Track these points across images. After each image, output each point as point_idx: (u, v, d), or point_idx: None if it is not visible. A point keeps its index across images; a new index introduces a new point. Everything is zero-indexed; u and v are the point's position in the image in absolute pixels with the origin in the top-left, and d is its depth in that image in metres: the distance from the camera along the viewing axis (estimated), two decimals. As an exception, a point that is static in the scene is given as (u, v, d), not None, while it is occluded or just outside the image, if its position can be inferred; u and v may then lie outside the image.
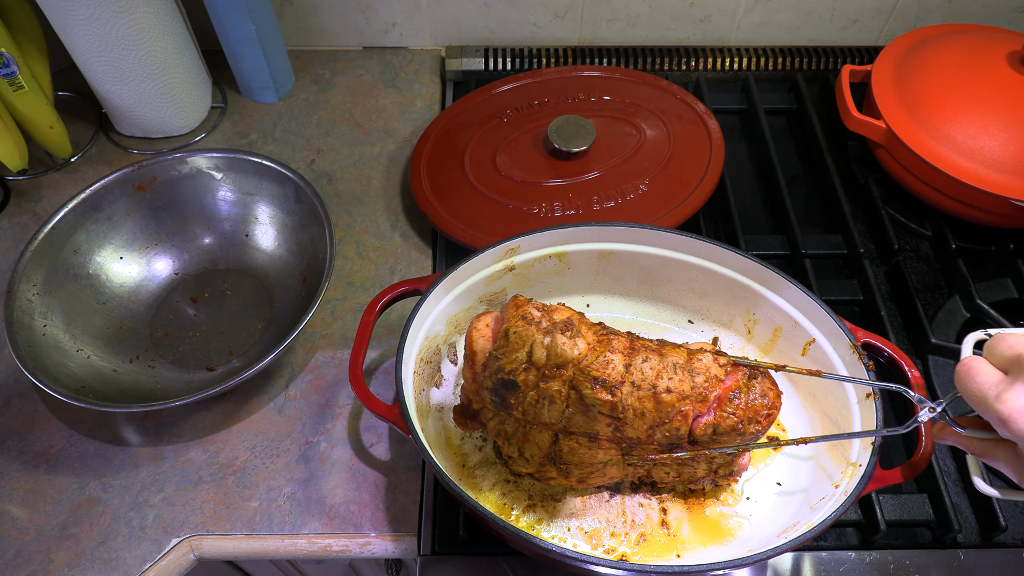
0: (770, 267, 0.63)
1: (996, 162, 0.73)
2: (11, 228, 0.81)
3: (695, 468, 0.56)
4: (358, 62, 0.98)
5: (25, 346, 0.63)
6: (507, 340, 0.51)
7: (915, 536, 0.61)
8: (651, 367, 0.51)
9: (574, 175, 0.79)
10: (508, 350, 0.51)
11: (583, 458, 0.53)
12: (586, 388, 0.50)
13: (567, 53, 0.96)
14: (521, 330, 0.51)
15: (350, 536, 0.62)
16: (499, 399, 0.53)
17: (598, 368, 0.50)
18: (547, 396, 0.51)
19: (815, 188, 0.85)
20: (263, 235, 0.77)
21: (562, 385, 0.51)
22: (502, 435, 0.56)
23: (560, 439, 0.53)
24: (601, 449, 0.53)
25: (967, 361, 0.42)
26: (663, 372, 0.50)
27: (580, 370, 0.50)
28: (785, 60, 0.96)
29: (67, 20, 0.75)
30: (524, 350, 0.51)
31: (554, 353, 0.50)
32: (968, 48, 0.80)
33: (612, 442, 0.53)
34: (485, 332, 0.55)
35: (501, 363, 0.51)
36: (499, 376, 0.52)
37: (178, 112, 0.87)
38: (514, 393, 0.52)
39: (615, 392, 0.50)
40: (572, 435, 0.53)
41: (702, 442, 0.52)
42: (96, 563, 0.61)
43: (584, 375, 0.50)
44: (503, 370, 0.51)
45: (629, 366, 0.51)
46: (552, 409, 0.51)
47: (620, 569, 0.48)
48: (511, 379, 0.51)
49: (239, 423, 0.68)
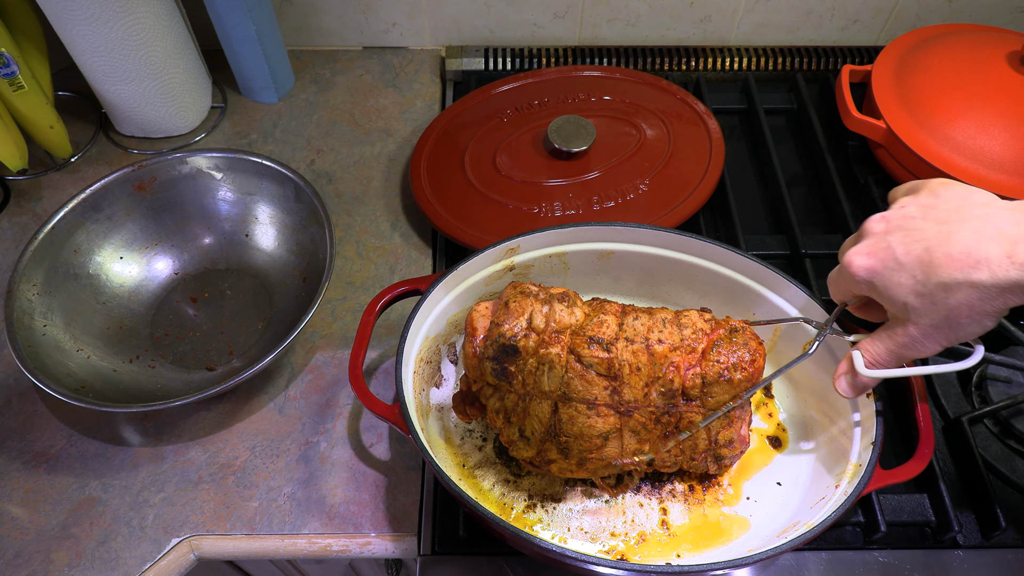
0: (770, 267, 0.63)
1: (996, 162, 0.73)
2: (11, 228, 0.81)
3: (695, 441, 0.56)
4: (358, 62, 0.98)
5: (25, 346, 0.63)
6: (507, 309, 0.55)
7: (915, 536, 0.62)
8: (642, 323, 0.55)
9: (574, 175, 0.79)
10: (508, 316, 0.55)
11: (582, 428, 0.54)
12: (583, 348, 0.53)
13: (567, 53, 0.96)
14: (521, 299, 0.55)
15: (350, 536, 0.62)
16: (500, 368, 0.55)
17: (593, 328, 0.54)
18: (547, 361, 0.54)
19: (815, 188, 0.85)
20: (263, 235, 0.77)
21: (561, 349, 0.54)
22: (502, 414, 0.56)
23: (559, 408, 0.54)
24: (600, 416, 0.54)
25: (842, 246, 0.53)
26: (653, 327, 0.55)
27: (576, 333, 0.54)
28: (785, 60, 0.96)
29: (67, 20, 0.75)
30: (524, 317, 0.54)
31: (553, 319, 0.54)
32: (968, 48, 0.80)
33: (610, 407, 0.54)
34: (485, 312, 0.58)
35: (502, 329, 0.54)
36: (500, 343, 0.54)
37: (178, 112, 0.87)
38: (515, 360, 0.54)
39: (611, 348, 0.53)
40: (571, 402, 0.54)
41: (694, 397, 0.54)
42: (96, 563, 0.61)
43: (581, 337, 0.54)
44: (504, 336, 0.54)
45: (622, 324, 0.55)
46: (552, 375, 0.53)
47: (620, 569, 0.48)
48: (512, 344, 0.54)
49: (239, 423, 0.68)
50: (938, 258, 0.44)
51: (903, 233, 0.47)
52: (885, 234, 0.48)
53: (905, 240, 0.46)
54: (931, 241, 0.45)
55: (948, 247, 0.44)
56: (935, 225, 0.46)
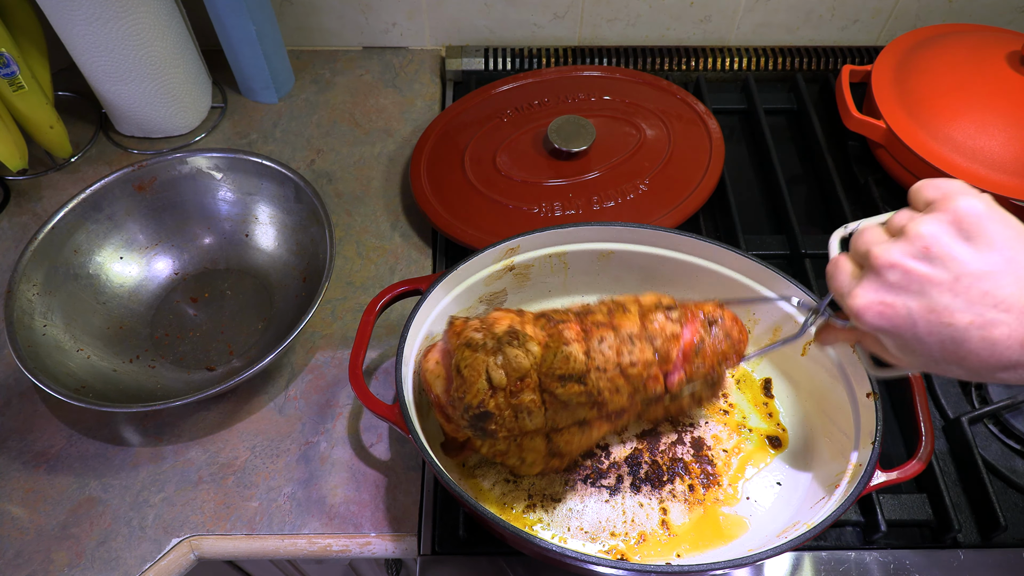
0: (770, 267, 0.63)
1: (996, 162, 0.73)
2: (11, 228, 0.81)
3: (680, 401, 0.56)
4: (358, 62, 0.98)
5: (25, 346, 0.63)
6: (462, 377, 0.51)
7: (915, 536, 0.61)
8: (609, 346, 0.51)
9: (574, 175, 0.79)
10: (467, 386, 0.51)
11: (581, 443, 0.54)
12: (557, 388, 0.50)
13: (567, 53, 0.96)
14: (471, 361, 0.50)
15: (350, 536, 0.62)
16: (480, 431, 0.53)
17: (560, 365, 0.50)
18: (523, 409, 0.51)
19: (815, 188, 0.85)
20: (263, 235, 0.77)
21: (533, 393, 0.51)
22: (498, 455, 0.56)
23: (553, 437, 0.54)
24: (594, 429, 0.54)
25: (833, 261, 0.44)
26: (622, 348, 0.51)
27: (544, 373, 0.50)
28: (785, 60, 0.96)
29: (67, 20, 0.75)
30: (482, 379, 0.50)
31: (511, 368, 0.50)
32: (968, 48, 0.80)
33: (602, 419, 0.54)
34: (437, 370, 0.54)
35: (467, 400, 0.51)
36: (470, 413, 0.51)
37: (178, 112, 0.87)
38: (491, 420, 0.51)
39: (585, 380, 0.51)
40: (561, 430, 0.53)
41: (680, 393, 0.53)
42: (96, 563, 0.61)
43: (550, 376, 0.50)
44: (471, 406, 0.51)
45: (588, 352, 0.51)
46: (533, 417, 0.52)
47: (620, 569, 0.48)
48: (483, 411, 0.51)
49: (239, 423, 0.68)
50: (967, 353, 0.38)
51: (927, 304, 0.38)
52: (902, 291, 0.39)
53: (929, 318, 0.38)
54: (960, 331, 0.37)
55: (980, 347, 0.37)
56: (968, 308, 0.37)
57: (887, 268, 0.39)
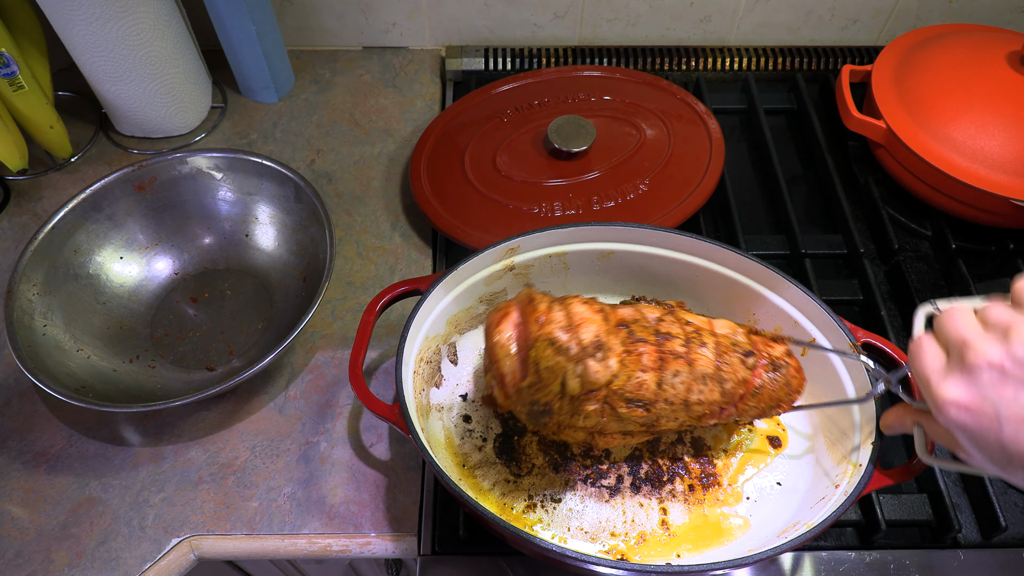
0: (770, 267, 0.63)
1: (996, 162, 0.73)
2: (11, 228, 0.81)
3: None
4: (358, 62, 0.98)
5: (25, 346, 0.63)
6: (538, 375, 0.50)
7: (915, 536, 0.61)
8: (682, 381, 0.52)
9: (574, 175, 0.79)
10: (541, 385, 0.51)
11: (617, 444, 0.58)
12: (621, 407, 0.52)
13: (567, 53, 0.96)
14: (552, 364, 0.50)
15: (350, 536, 0.62)
16: (534, 418, 0.54)
17: (631, 390, 0.51)
18: (582, 413, 0.52)
19: (815, 188, 0.85)
20: (263, 235, 0.77)
21: (597, 403, 0.52)
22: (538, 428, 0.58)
23: (595, 436, 0.56)
24: (635, 438, 0.57)
25: (917, 340, 0.42)
26: (693, 385, 0.52)
27: (613, 391, 0.51)
28: (785, 60, 0.96)
29: (67, 20, 0.75)
30: (557, 383, 0.50)
31: (588, 381, 0.50)
32: (968, 48, 0.80)
33: (646, 433, 0.56)
34: (509, 348, 0.52)
35: (536, 397, 0.51)
36: (535, 407, 0.52)
37: (178, 112, 0.87)
38: (551, 415, 0.53)
39: (650, 408, 0.52)
40: (607, 434, 0.56)
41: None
42: (96, 563, 0.61)
43: (618, 396, 0.51)
44: (538, 402, 0.51)
45: (661, 382, 0.52)
46: (588, 420, 0.53)
47: (620, 569, 0.48)
48: (547, 408, 0.52)
49: (239, 423, 0.68)
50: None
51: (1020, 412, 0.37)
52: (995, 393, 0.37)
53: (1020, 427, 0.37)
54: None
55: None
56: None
57: (985, 367, 0.38)
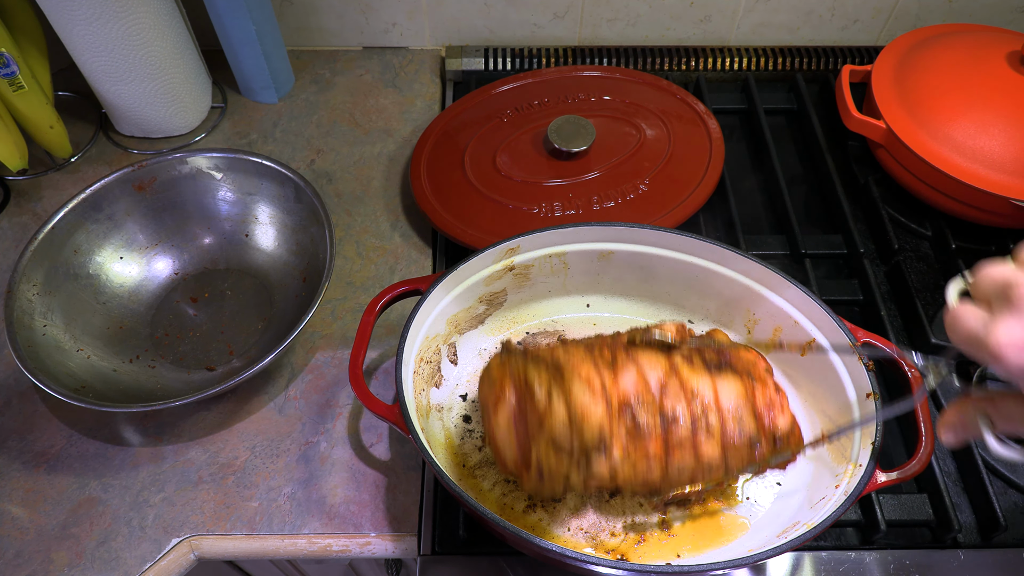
0: (770, 267, 0.63)
1: (996, 162, 0.73)
2: (11, 228, 0.81)
3: None
4: (358, 62, 0.98)
5: (25, 346, 0.63)
6: (540, 475, 0.51)
7: (915, 536, 0.62)
8: (688, 471, 0.51)
9: (574, 175, 0.79)
10: (544, 484, 0.51)
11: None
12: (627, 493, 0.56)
13: (567, 53, 0.96)
14: (554, 465, 0.50)
15: (350, 536, 0.62)
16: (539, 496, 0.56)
17: (639, 485, 0.51)
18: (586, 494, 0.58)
19: (815, 188, 0.85)
20: (263, 235, 0.77)
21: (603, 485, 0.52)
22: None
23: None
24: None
25: (953, 309, 0.41)
26: (697, 472, 0.52)
27: (619, 481, 0.51)
28: (785, 60, 0.96)
29: (67, 20, 0.75)
30: (561, 479, 0.50)
31: (591, 479, 0.50)
32: (968, 48, 0.80)
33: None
34: (509, 438, 0.52)
35: (539, 487, 0.51)
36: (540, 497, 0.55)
37: (178, 112, 0.87)
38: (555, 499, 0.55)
39: (657, 492, 0.54)
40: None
41: None
42: (96, 563, 0.61)
43: (625, 485, 0.51)
44: (542, 493, 0.52)
45: (666, 470, 0.51)
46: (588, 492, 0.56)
47: (620, 569, 0.48)
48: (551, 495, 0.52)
49: (239, 423, 0.68)
50: None
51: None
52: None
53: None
54: None
55: None
56: None
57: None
